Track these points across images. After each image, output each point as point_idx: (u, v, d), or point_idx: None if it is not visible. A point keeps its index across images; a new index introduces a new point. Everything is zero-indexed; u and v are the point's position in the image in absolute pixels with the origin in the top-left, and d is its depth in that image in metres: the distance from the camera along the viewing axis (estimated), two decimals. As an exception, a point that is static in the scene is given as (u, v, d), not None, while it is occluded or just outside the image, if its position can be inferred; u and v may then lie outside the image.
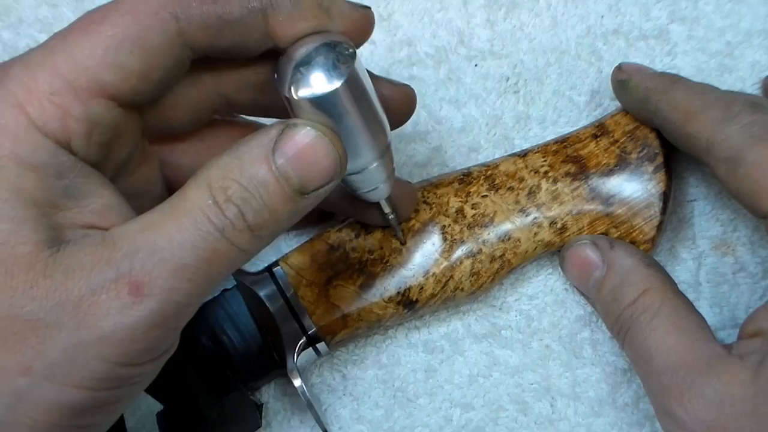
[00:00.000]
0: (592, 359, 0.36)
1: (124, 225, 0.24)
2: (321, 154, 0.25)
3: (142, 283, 0.23)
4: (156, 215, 0.24)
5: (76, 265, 0.23)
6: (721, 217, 0.36)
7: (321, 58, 0.25)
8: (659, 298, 0.31)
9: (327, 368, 0.37)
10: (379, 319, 0.34)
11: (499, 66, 0.38)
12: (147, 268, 0.23)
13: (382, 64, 0.38)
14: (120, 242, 0.23)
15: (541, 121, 0.38)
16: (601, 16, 0.38)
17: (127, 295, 0.23)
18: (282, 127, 0.24)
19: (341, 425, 0.37)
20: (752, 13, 0.37)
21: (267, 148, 0.24)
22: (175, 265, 0.23)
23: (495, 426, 0.36)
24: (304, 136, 0.24)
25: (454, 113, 0.38)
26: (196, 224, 0.23)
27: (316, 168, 0.25)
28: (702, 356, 0.29)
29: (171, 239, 0.23)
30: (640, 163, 0.33)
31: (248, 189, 0.24)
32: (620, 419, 0.36)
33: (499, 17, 0.38)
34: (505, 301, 0.37)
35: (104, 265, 0.23)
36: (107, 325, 0.22)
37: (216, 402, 0.33)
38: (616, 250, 0.33)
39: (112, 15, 0.24)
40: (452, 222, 0.34)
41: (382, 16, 0.38)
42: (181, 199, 0.24)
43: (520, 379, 0.36)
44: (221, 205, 0.23)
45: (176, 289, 0.23)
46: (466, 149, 0.38)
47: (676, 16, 0.37)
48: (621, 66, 0.35)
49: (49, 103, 0.24)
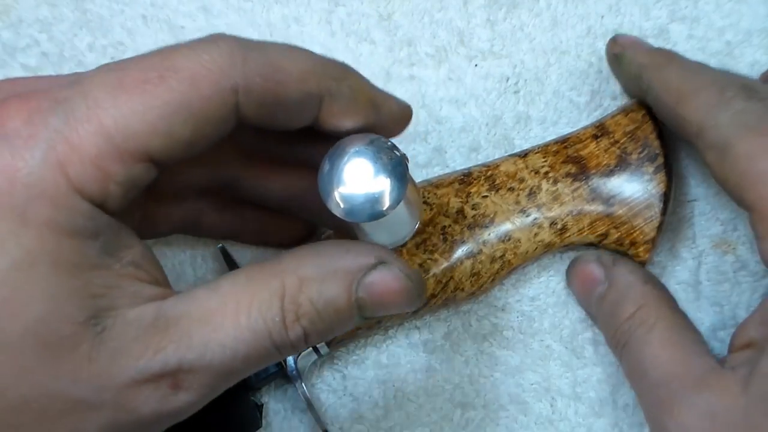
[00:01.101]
0: (593, 360, 0.36)
1: (178, 302, 0.23)
2: (401, 298, 0.25)
3: (186, 381, 0.23)
4: (215, 302, 0.23)
5: (123, 350, 0.22)
6: (721, 217, 0.36)
7: (372, 156, 0.24)
8: (654, 313, 0.31)
9: (327, 368, 0.37)
10: (379, 319, 0.34)
11: (499, 66, 0.38)
12: (195, 369, 0.23)
13: (382, 64, 0.38)
14: (173, 329, 0.23)
15: (541, 122, 0.38)
16: (601, 16, 0.38)
17: (168, 387, 0.23)
18: (374, 262, 0.24)
19: (341, 425, 0.37)
20: (752, 12, 0.37)
21: (353, 279, 0.24)
22: (222, 372, 0.23)
23: (495, 426, 0.36)
24: (393, 279, 0.24)
25: (454, 113, 0.38)
26: (256, 338, 0.23)
27: (392, 306, 0.25)
28: (695, 369, 0.29)
29: (225, 347, 0.23)
30: (641, 163, 0.33)
31: (321, 314, 0.24)
32: (621, 420, 0.36)
33: (499, 17, 0.38)
34: (506, 302, 0.37)
35: (153, 354, 0.22)
36: (146, 411, 0.23)
37: (216, 403, 0.33)
38: (618, 267, 0.33)
39: (170, 78, 0.23)
40: (452, 222, 0.34)
41: (382, 16, 0.38)
42: (247, 297, 0.23)
43: (520, 379, 0.36)
44: (288, 325, 0.23)
45: (214, 388, 0.24)
46: (466, 149, 0.38)
47: (676, 15, 0.37)
48: (616, 38, 0.35)
49: (91, 164, 0.22)
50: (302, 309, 0.23)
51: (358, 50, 0.38)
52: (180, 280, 0.37)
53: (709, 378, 0.29)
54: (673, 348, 0.30)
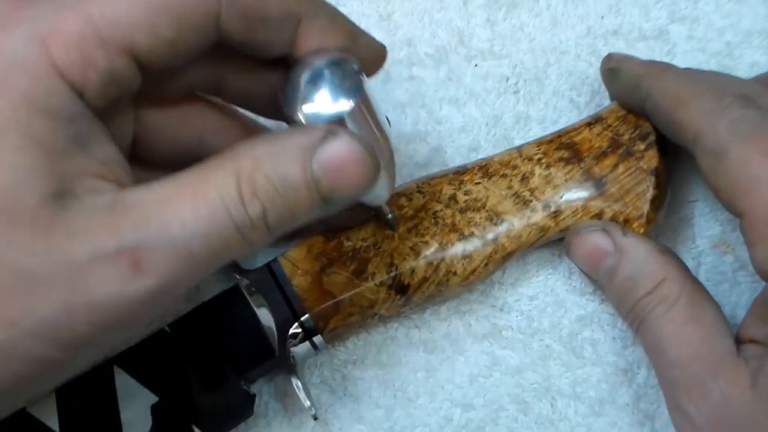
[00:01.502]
0: (593, 359, 0.36)
1: (135, 190, 0.24)
2: (356, 169, 0.25)
3: (145, 261, 0.22)
4: (171, 189, 0.23)
5: (80, 228, 0.22)
6: (721, 217, 0.36)
7: (335, 78, 0.25)
8: (677, 287, 0.30)
9: (327, 368, 0.37)
10: (371, 304, 0.34)
11: (499, 66, 0.38)
12: (153, 247, 0.22)
13: (382, 64, 0.38)
14: (130, 212, 0.23)
15: (541, 122, 0.38)
16: (601, 16, 0.38)
17: (127, 268, 0.22)
18: (323, 134, 0.24)
19: (341, 425, 0.37)
20: (752, 13, 0.37)
21: (306, 153, 0.24)
22: (183, 252, 0.23)
23: (495, 426, 0.36)
24: (345, 149, 0.24)
25: (454, 113, 0.38)
26: (214, 215, 0.23)
27: (349, 181, 0.25)
28: (714, 352, 0.29)
29: (184, 225, 0.23)
30: (632, 142, 0.34)
31: (278, 189, 0.24)
32: (620, 419, 0.36)
33: (499, 17, 0.38)
34: (505, 301, 0.37)
35: (110, 234, 0.22)
36: (101, 293, 0.22)
37: (209, 393, 0.33)
38: (629, 238, 0.32)
39: None
40: (444, 207, 0.34)
41: (382, 16, 0.38)
42: (202, 182, 0.23)
43: (520, 379, 0.36)
44: (246, 201, 0.23)
45: (177, 273, 0.23)
46: (466, 149, 0.38)
47: (676, 16, 0.37)
48: (611, 55, 0.35)
49: (75, 47, 0.23)
50: (258, 184, 0.23)
51: (358, 50, 0.38)
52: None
53: (725, 364, 0.28)
54: (694, 326, 0.30)
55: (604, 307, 0.37)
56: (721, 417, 0.28)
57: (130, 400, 0.32)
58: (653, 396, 0.36)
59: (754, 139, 0.28)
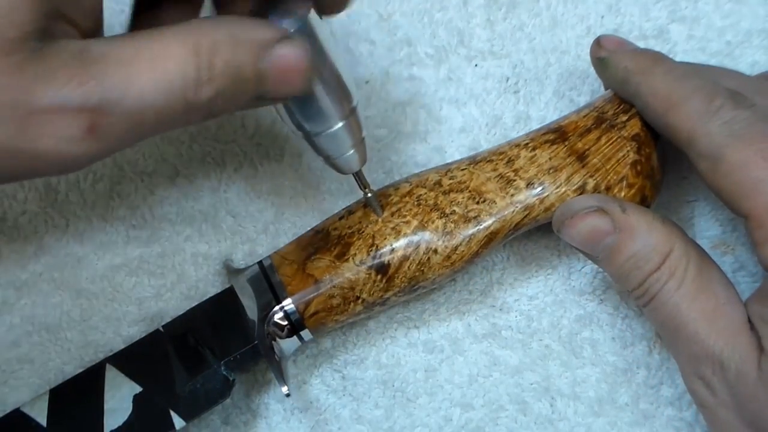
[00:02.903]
0: (592, 359, 0.36)
1: (102, 42, 0.23)
2: (296, 78, 0.26)
3: (101, 125, 0.23)
4: (132, 50, 0.23)
5: (50, 74, 0.22)
6: (720, 218, 0.36)
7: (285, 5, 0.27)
8: (685, 258, 0.30)
9: (327, 368, 0.37)
10: (352, 285, 0.33)
11: (499, 66, 0.38)
12: (112, 113, 0.23)
13: (382, 64, 0.38)
14: (95, 67, 0.23)
15: (541, 122, 0.38)
16: (601, 16, 0.38)
17: (83, 127, 0.22)
18: (281, 36, 0.25)
19: (341, 425, 0.37)
20: (752, 13, 0.37)
21: (260, 50, 0.25)
22: (136, 122, 0.23)
23: (495, 426, 0.36)
24: (296, 55, 0.25)
25: (454, 113, 0.38)
26: (171, 91, 0.23)
27: (286, 86, 0.26)
28: (729, 324, 0.29)
29: (143, 95, 0.23)
30: (615, 116, 0.34)
31: (231, 78, 0.24)
32: (620, 419, 0.36)
33: (499, 17, 0.38)
34: (505, 301, 0.37)
35: (76, 87, 0.22)
36: (45, 147, 0.22)
37: (190, 379, 0.34)
38: (629, 213, 0.31)
39: None
40: (428, 191, 0.34)
41: (382, 16, 0.38)
42: (162, 50, 0.24)
43: (520, 379, 0.37)
44: (203, 83, 0.24)
45: (122, 141, 0.24)
46: (466, 149, 0.38)
47: (676, 16, 0.37)
48: (600, 40, 0.34)
49: None
50: (216, 70, 0.24)
51: (357, 50, 0.38)
52: (180, 281, 0.37)
53: (741, 337, 0.29)
54: (706, 296, 0.30)
55: (603, 307, 0.37)
56: (736, 392, 0.28)
57: (116, 391, 0.33)
58: (652, 396, 0.36)
59: (750, 140, 0.28)
